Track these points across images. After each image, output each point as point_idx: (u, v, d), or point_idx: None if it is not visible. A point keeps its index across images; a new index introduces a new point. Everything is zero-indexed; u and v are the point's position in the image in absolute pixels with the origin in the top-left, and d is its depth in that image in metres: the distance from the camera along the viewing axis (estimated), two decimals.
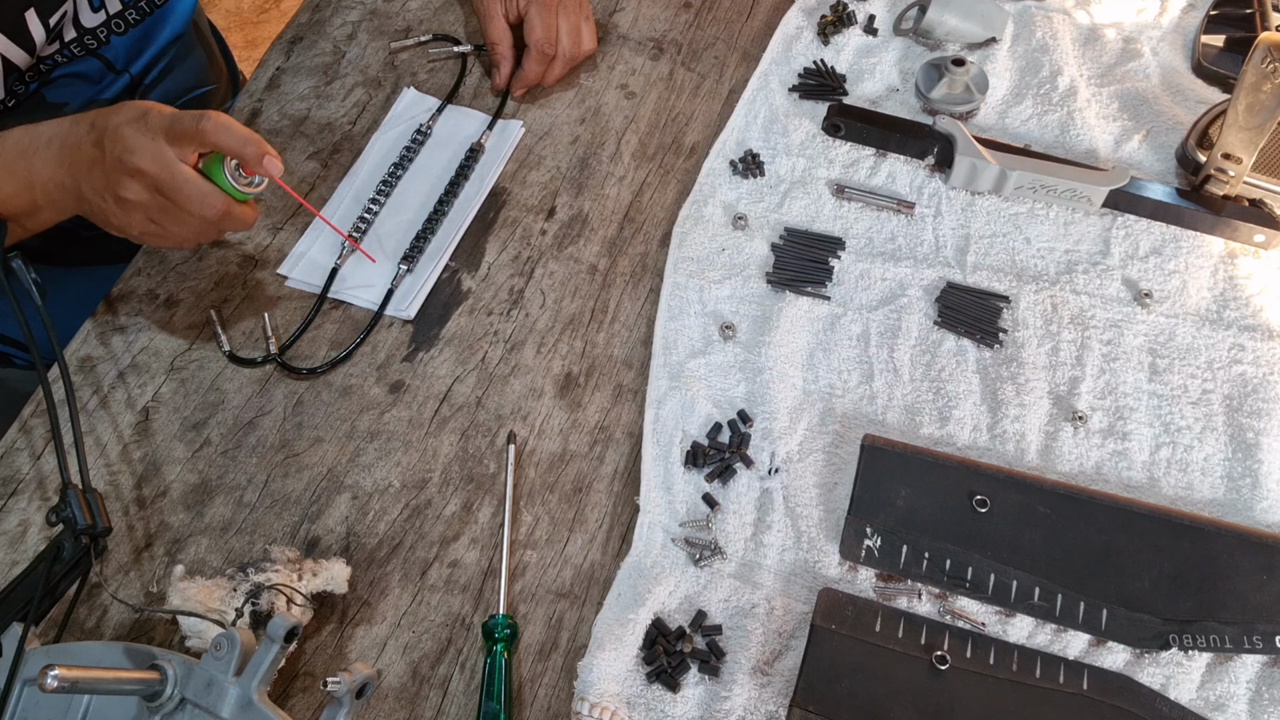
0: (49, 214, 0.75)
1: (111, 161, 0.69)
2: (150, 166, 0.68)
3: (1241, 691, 0.67)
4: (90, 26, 0.91)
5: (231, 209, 0.72)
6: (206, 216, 0.71)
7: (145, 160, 0.68)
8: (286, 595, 0.66)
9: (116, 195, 0.70)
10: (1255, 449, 0.77)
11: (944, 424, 0.78)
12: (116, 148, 0.69)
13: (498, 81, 0.98)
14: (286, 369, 0.81)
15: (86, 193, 0.72)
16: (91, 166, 0.70)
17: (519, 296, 0.86)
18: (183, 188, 0.69)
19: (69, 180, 0.72)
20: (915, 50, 1.01)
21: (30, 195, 0.73)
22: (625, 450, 0.78)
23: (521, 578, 0.72)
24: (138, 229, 0.73)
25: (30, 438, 0.78)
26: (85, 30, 0.90)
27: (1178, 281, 0.86)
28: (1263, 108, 0.81)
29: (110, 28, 0.92)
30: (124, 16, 0.93)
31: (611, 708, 0.65)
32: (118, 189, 0.70)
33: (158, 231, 0.73)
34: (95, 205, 0.72)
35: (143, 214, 0.71)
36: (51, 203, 0.74)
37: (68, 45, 0.89)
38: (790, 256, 0.87)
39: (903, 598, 0.70)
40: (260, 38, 2.42)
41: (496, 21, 0.97)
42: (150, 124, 0.69)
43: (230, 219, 0.72)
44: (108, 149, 0.69)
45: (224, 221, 0.72)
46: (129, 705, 0.58)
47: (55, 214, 0.75)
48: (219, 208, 0.71)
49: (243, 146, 0.69)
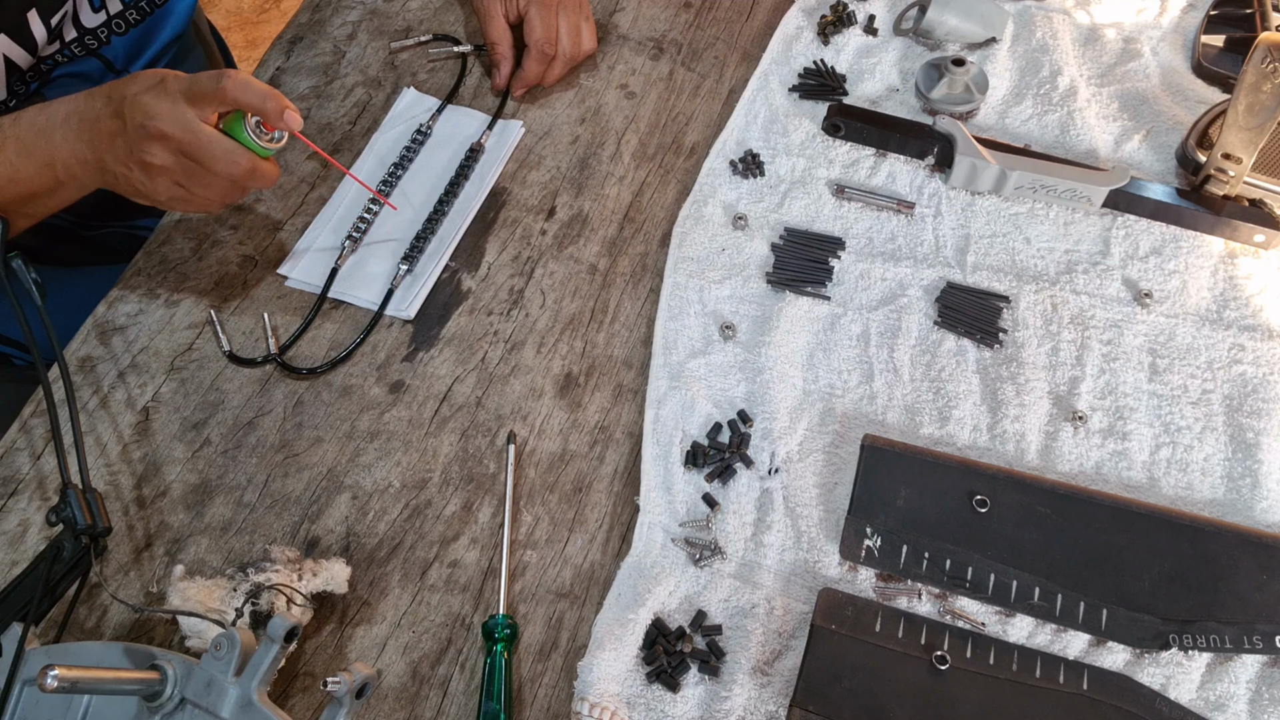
0: (70, 191, 0.76)
1: (134, 129, 0.70)
2: (173, 129, 0.69)
3: (1241, 691, 0.67)
4: (91, 26, 0.91)
5: (257, 165, 0.73)
6: (233, 175, 0.72)
7: (168, 124, 0.69)
8: (286, 595, 0.66)
9: (141, 162, 0.71)
10: (1255, 449, 0.77)
11: (944, 424, 0.78)
12: (138, 115, 0.69)
13: (498, 81, 0.98)
14: (286, 369, 0.81)
15: (110, 164, 0.72)
16: (113, 137, 0.71)
17: (519, 296, 0.86)
18: (207, 147, 0.70)
19: (90, 154, 0.73)
20: (915, 50, 1.01)
21: (51, 173, 0.74)
22: (625, 450, 0.78)
23: (521, 578, 0.72)
24: (165, 194, 0.74)
25: (30, 438, 0.78)
26: (86, 30, 0.90)
27: (1178, 281, 0.86)
28: (1263, 108, 0.81)
29: (111, 28, 0.93)
30: (125, 17, 0.93)
31: (611, 708, 0.65)
32: (143, 155, 0.70)
33: (184, 195, 0.74)
34: (119, 175, 0.73)
35: (168, 178, 0.72)
36: (73, 178, 0.74)
37: (68, 45, 0.89)
38: (790, 256, 0.87)
39: (903, 598, 0.71)
40: (260, 38, 2.42)
41: (496, 21, 0.97)
42: (169, 88, 0.70)
43: (256, 176, 0.73)
44: (128, 117, 0.70)
45: (250, 179, 0.73)
46: (129, 705, 0.58)
47: (76, 190, 0.76)
48: (245, 164, 0.72)
49: (263, 102, 0.71)
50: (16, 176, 0.74)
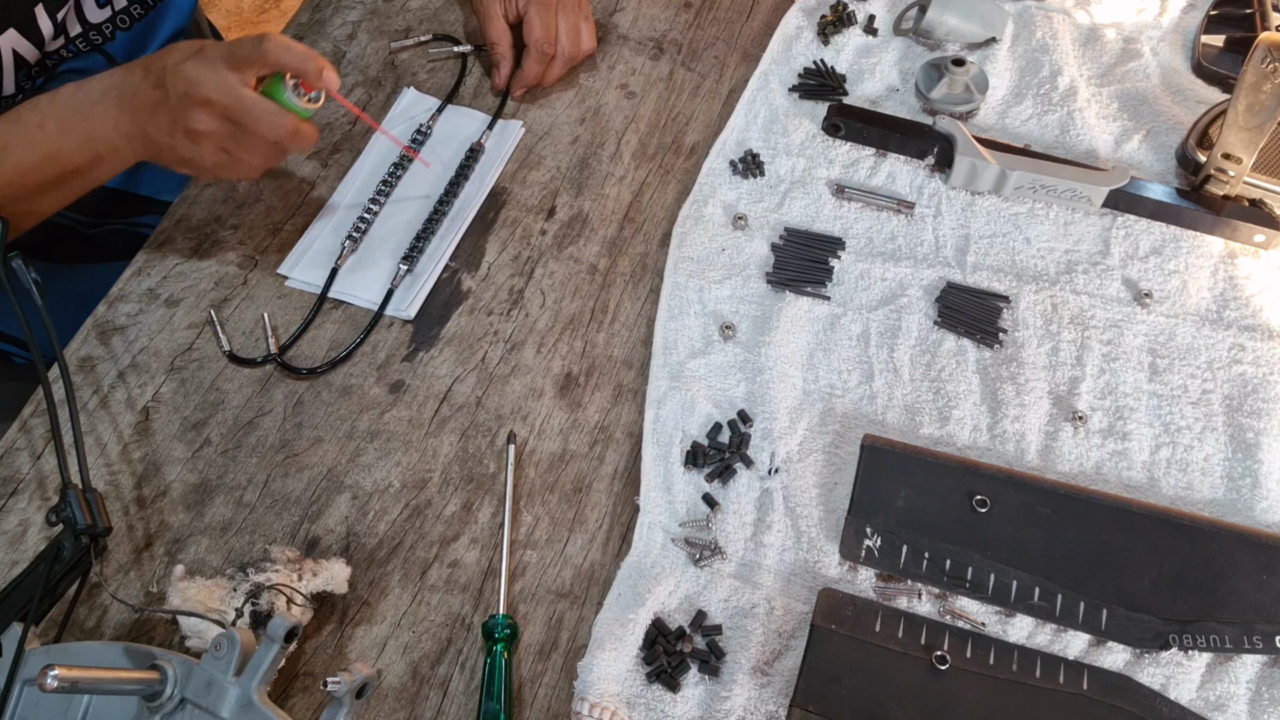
0: (110, 166, 0.77)
1: (177, 98, 0.71)
2: (217, 95, 0.71)
3: (1241, 691, 0.67)
4: (95, 22, 0.91)
5: (299, 126, 0.75)
6: (279, 136, 0.74)
7: (212, 89, 0.71)
8: (287, 596, 0.66)
9: (187, 129, 0.72)
10: (1255, 449, 0.77)
11: (944, 424, 0.78)
12: (180, 83, 0.71)
13: (497, 81, 0.98)
14: (286, 369, 0.81)
15: (154, 133, 0.74)
16: (155, 108, 0.73)
17: (519, 296, 0.86)
18: (251, 109, 0.72)
19: (132, 127, 0.74)
20: (915, 50, 1.01)
21: (92, 149, 0.75)
22: (625, 450, 0.78)
23: (521, 578, 0.72)
24: (210, 159, 0.75)
25: (30, 438, 0.78)
26: (90, 25, 0.90)
27: (1178, 281, 0.86)
28: (1263, 108, 0.81)
29: (115, 23, 0.93)
30: (129, 11, 0.93)
31: (611, 708, 0.65)
32: (188, 123, 0.72)
33: (227, 161, 0.76)
34: (164, 144, 0.74)
35: (213, 144, 0.74)
36: (115, 151, 0.76)
37: (73, 40, 0.89)
38: (790, 256, 0.87)
39: (903, 598, 0.70)
40: None
41: (496, 21, 0.97)
42: (209, 56, 0.72)
43: (299, 137, 0.75)
44: (171, 87, 0.71)
45: (293, 140, 0.75)
46: (129, 705, 0.58)
47: (118, 164, 0.78)
48: (289, 125, 0.74)
49: (304, 63, 0.73)
50: (57, 154, 0.75)
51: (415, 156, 0.87)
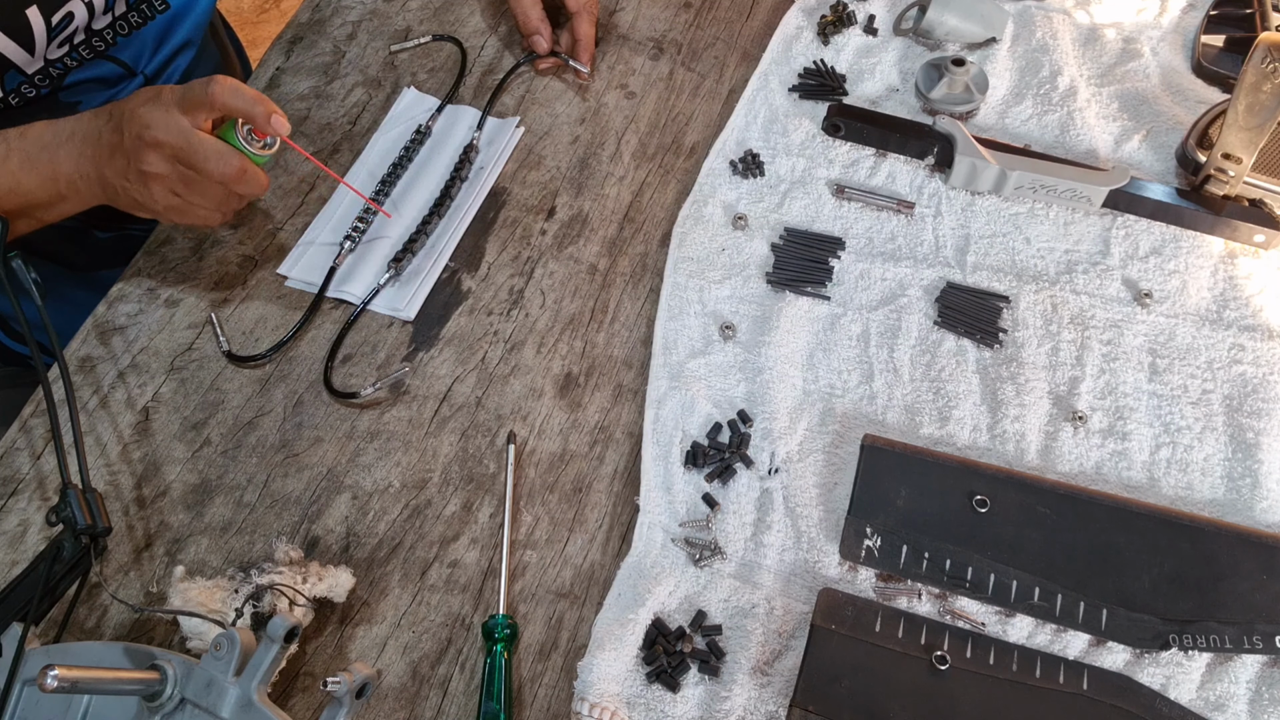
0: (71, 204, 0.79)
1: (131, 140, 0.73)
2: (167, 136, 0.72)
3: (1241, 691, 0.66)
4: (97, 29, 0.91)
5: (247, 166, 0.75)
6: (225, 175, 0.74)
7: (162, 131, 0.72)
8: (289, 597, 0.66)
9: (139, 171, 0.73)
10: (1255, 449, 0.77)
11: (944, 424, 0.78)
12: (135, 126, 0.72)
13: (542, 47, 0.99)
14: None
15: (110, 176, 0.75)
16: (113, 152, 0.74)
17: (519, 296, 0.86)
18: (198, 149, 0.73)
19: (92, 170, 0.76)
20: (915, 50, 1.01)
21: (54, 187, 0.77)
22: (625, 450, 0.78)
23: (521, 578, 0.72)
24: (162, 201, 0.76)
25: (30, 438, 0.78)
26: (93, 32, 0.90)
27: (1178, 281, 0.86)
28: (1263, 108, 0.81)
29: (116, 29, 0.93)
30: (127, 19, 0.93)
31: (611, 708, 0.65)
32: (140, 164, 0.73)
33: (180, 204, 0.76)
34: (119, 187, 0.75)
35: (164, 186, 0.74)
36: (75, 193, 0.77)
37: (76, 48, 0.89)
38: (790, 256, 0.87)
39: (903, 598, 0.70)
40: (260, 38, 2.42)
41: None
42: (163, 99, 0.73)
43: (247, 179, 0.75)
44: (126, 130, 0.73)
45: (241, 182, 0.75)
46: (129, 705, 0.58)
47: (77, 204, 0.79)
48: (236, 164, 0.74)
49: (251, 106, 0.73)
50: (18, 188, 0.76)
51: (379, 209, 0.87)
